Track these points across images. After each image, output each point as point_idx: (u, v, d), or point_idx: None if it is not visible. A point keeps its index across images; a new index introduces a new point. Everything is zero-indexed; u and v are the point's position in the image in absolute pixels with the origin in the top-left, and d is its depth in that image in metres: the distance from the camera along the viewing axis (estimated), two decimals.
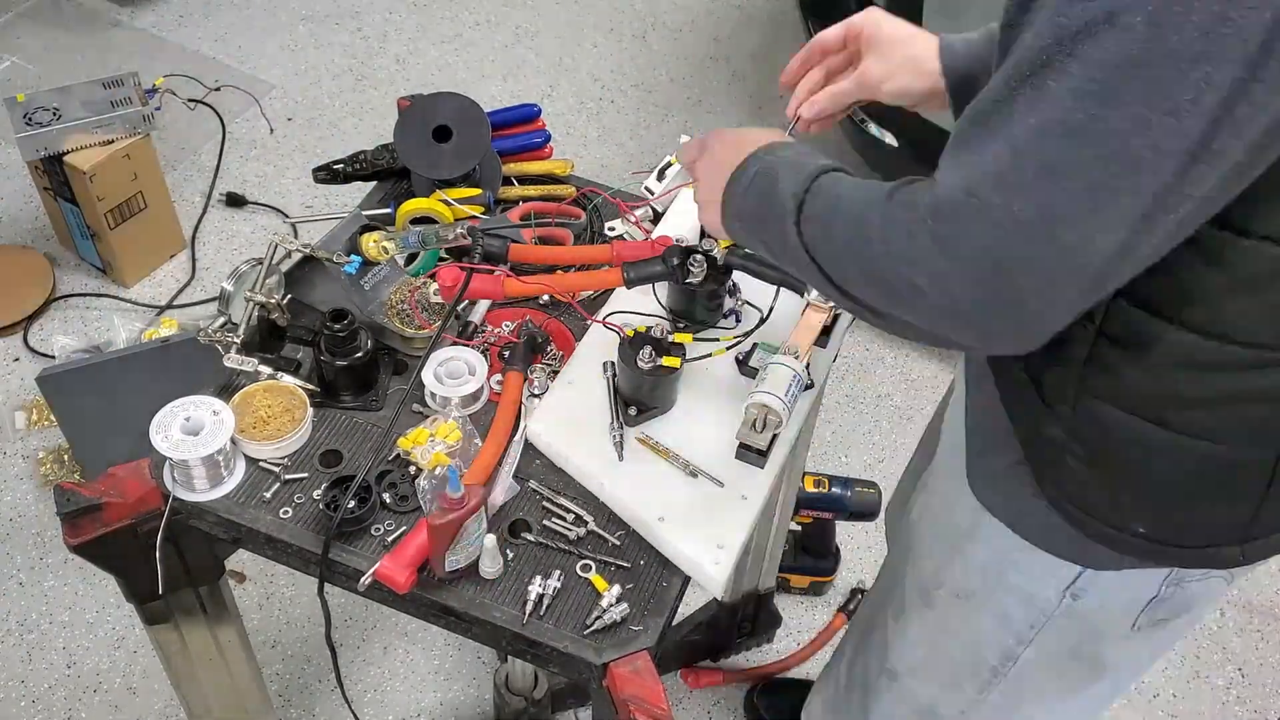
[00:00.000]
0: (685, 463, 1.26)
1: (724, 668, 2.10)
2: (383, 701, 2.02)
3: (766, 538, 1.87)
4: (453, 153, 1.49)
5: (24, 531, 2.18)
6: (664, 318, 1.39)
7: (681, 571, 1.21)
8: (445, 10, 3.38)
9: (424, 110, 1.50)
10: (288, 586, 2.14)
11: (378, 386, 1.35)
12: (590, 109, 3.13)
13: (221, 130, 2.93)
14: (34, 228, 2.70)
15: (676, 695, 2.06)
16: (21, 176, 2.74)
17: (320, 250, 1.42)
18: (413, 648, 2.09)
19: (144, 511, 1.24)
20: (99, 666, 2.02)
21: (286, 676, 2.04)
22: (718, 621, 2.03)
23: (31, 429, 2.32)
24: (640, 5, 3.45)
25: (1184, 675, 2.16)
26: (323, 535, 1.20)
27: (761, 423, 1.21)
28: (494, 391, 1.35)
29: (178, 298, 2.58)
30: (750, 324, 1.38)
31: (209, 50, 3.17)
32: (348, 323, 1.30)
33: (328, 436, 1.31)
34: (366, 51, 3.22)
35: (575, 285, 1.39)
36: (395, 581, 1.14)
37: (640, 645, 1.14)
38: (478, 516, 1.14)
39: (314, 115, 3.03)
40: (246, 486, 1.26)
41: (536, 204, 1.54)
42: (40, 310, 2.52)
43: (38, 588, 2.11)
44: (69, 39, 3.16)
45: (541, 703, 1.73)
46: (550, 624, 1.16)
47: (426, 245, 1.42)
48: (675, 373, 1.26)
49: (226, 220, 2.77)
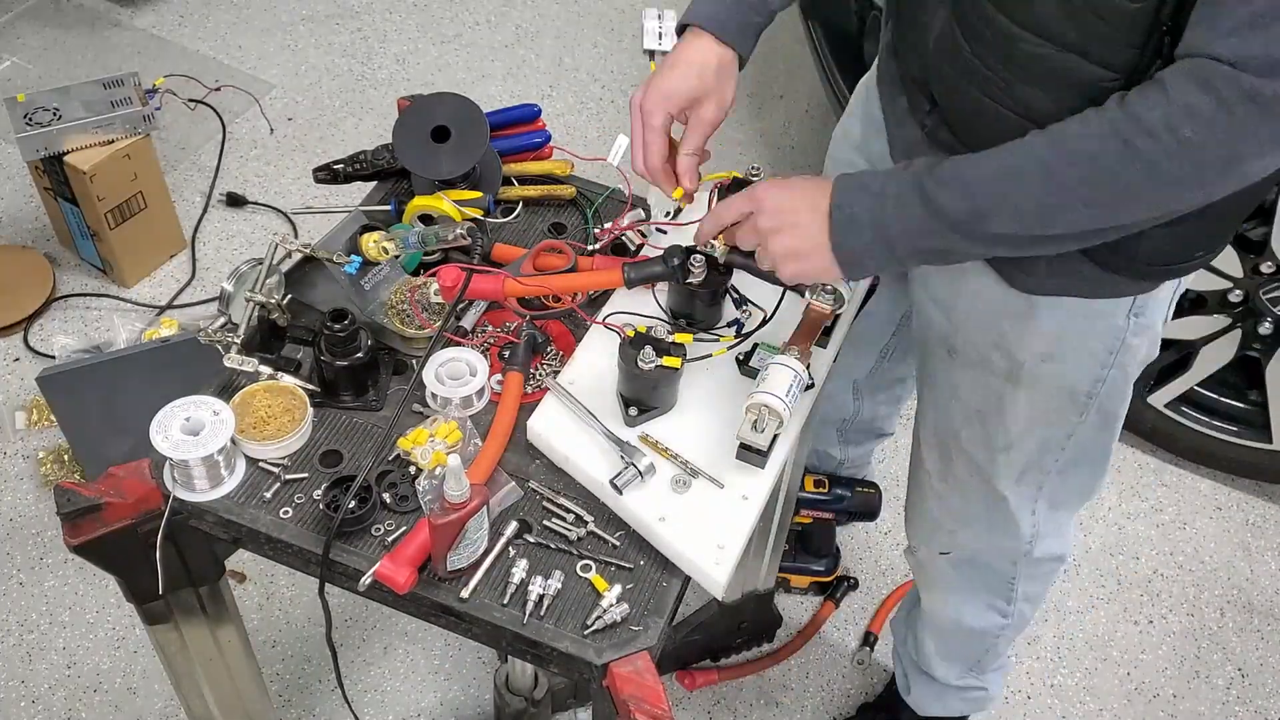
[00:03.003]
0: (685, 463, 1.26)
1: (719, 666, 2.10)
2: (383, 701, 2.02)
3: (766, 538, 1.87)
4: (452, 153, 1.49)
5: (24, 531, 2.18)
6: (663, 319, 1.39)
7: (681, 572, 1.21)
8: (445, 10, 3.38)
9: (423, 110, 1.50)
10: (288, 586, 2.14)
11: (378, 386, 1.35)
12: (590, 109, 3.13)
13: (221, 130, 2.93)
14: (34, 228, 2.70)
15: (676, 695, 2.06)
16: (21, 176, 2.74)
17: (320, 250, 1.42)
18: (413, 648, 2.09)
19: (144, 511, 1.24)
20: (99, 666, 2.02)
21: (286, 676, 2.04)
22: (718, 622, 2.03)
23: (31, 429, 2.32)
24: (640, 5, 3.45)
25: (1184, 675, 2.16)
26: (323, 535, 1.20)
27: (762, 423, 1.21)
28: (494, 392, 1.35)
29: (178, 298, 2.58)
30: (751, 324, 1.38)
31: (209, 50, 3.17)
32: (348, 323, 1.30)
33: (328, 436, 1.31)
34: (366, 51, 3.22)
35: (575, 286, 1.39)
36: (395, 582, 1.14)
37: (640, 645, 1.14)
38: (479, 516, 1.14)
39: (314, 115, 3.03)
40: (247, 486, 1.26)
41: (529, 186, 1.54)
42: (40, 310, 2.52)
43: (38, 588, 2.11)
44: (69, 39, 3.16)
45: (541, 703, 1.73)
46: (550, 624, 1.16)
47: (426, 245, 1.42)
48: (676, 373, 1.26)
49: (226, 220, 2.77)
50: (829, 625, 2.18)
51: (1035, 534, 1.56)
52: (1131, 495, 2.42)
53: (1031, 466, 1.46)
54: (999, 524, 1.54)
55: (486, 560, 1.20)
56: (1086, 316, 1.28)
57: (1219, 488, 2.44)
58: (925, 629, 1.83)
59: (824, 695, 2.10)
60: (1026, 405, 1.38)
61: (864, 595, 2.23)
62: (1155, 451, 2.47)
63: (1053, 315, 1.29)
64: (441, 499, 1.12)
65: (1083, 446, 1.43)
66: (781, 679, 2.11)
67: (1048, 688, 2.13)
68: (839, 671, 2.13)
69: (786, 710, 2.07)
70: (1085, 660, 2.17)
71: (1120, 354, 1.32)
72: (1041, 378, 1.35)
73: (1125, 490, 2.42)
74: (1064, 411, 1.38)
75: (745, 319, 1.40)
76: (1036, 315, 1.29)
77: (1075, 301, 1.27)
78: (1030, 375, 1.35)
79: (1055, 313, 1.28)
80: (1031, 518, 1.53)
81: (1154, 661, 2.18)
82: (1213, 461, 2.41)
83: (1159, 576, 2.30)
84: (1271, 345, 2.20)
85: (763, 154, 3.03)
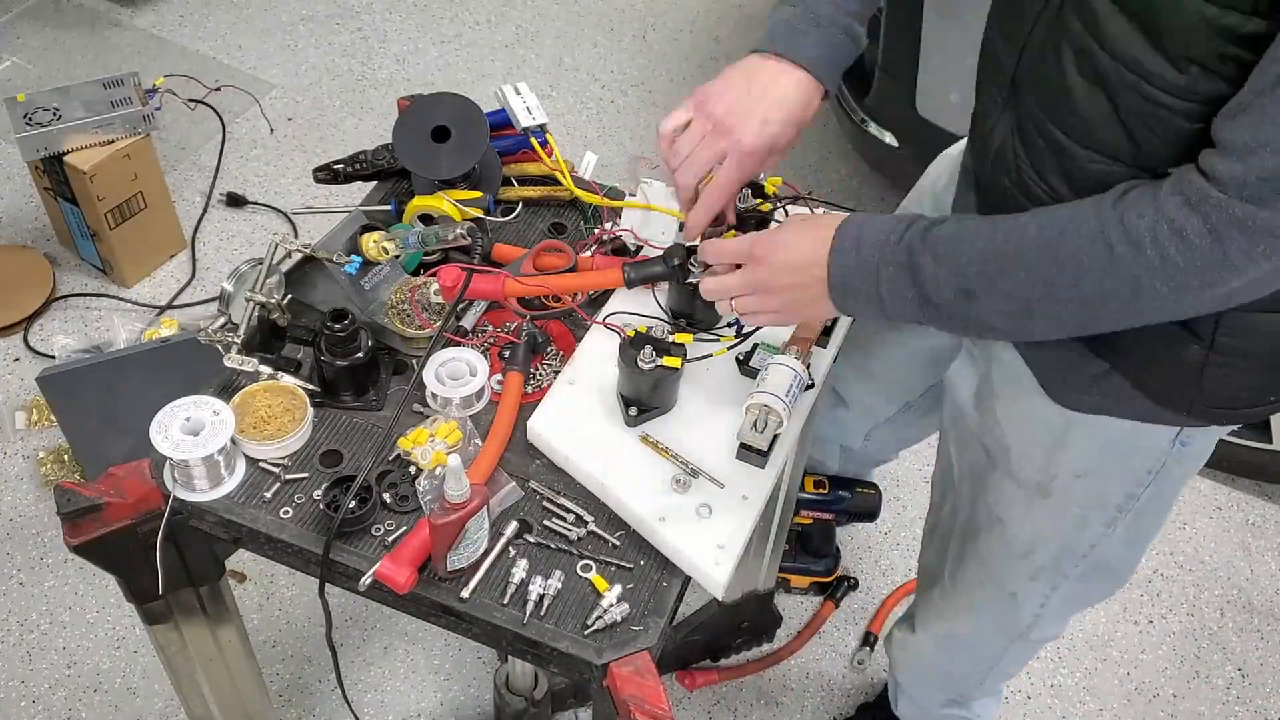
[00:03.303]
0: (685, 463, 1.26)
1: (719, 666, 2.10)
2: (383, 701, 2.02)
3: (766, 538, 1.87)
4: (451, 153, 1.49)
5: (24, 531, 2.18)
6: (663, 320, 1.39)
7: (682, 572, 1.21)
8: (445, 10, 3.38)
9: (423, 110, 1.50)
10: (288, 586, 2.14)
11: (378, 386, 1.35)
12: (590, 109, 3.13)
13: (221, 130, 2.93)
14: (34, 228, 2.70)
15: (676, 695, 2.06)
16: (21, 176, 2.74)
17: (320, 250, 1.42)
18: (413, 648, 2.09)
19: (144, 511, 1.24)
20: (99, 666, 2.02)
21: (286, 676, 2.04)
22: (717, 622, 2.03)
23: (31, 429, 2.32)
24: (640, 5, 3.45)
25: (1184, 675, 2.16)
26: (323, 535, 1.20)
27: (762, 423, 1.21)
28: (494, 392, 1.35)
29: (178, 298, 2.58)
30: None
31: (209, 50, 3.17)
32: (348, 323, 1.30)
33: (328, 436, 1.31)
34: (366, 51, 3.22)
35: (575, 286, 1.39)
36: (395, 582, 1.14)
37: (640, 645, 1.14)
38: (479, 516, 1.14)
39: (314, 115, 3.03)
40: (247, 486, 1.26)
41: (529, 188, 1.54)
42: (40, 310, 2.52)
43: (38, 588, 2.11)
44: (69, 39, 3.16)
45: (541, 703, 1.73)
46: (550, 624, 1.16)
47: (426, 245, 1.42)
48: (676, 373, 1.26)
49: (226, 220, 2.77)
50: (829, 625, 2.18)
51: (1038, 621, 1.51)
52: None
53: (1048, 569, 1.41)
54: (1002, 614, 1.51)
55: (486, 560, 1.20)
56: (1129, 436, 1.22)
57: (1219, 488, 2.44)
58: (902, 667, 1.81)
59: (824, 695, 2.10)
60: (1053, 515, 1.34)
61: (864, 595, 2.23)
62: None
63: (1091, 435, 1.23)
64: (441, 499, 1.12)
65: (1106, 557, 1.38)
66: (781, 679, 2.11)
67: (1048, 688, 2.13)
68: (839, 671, 2.13)
69: (786, 710, 2.07)
70: (1085, 660, 2.17)
71: (1159, 476, 1.26)
72: (1074, 491, 1.29)
73: None
74: (1092, 523, 1.33)
75: None
76: (1073, 432, 1.24)
77: (1117, 422, 1.21)
78: (1062, 489, 1.30)
79: (1094, 432, 1.23)
80: (1039, 609, 1.48)
81: (1154, 661, 2.18)
82: (1213, 461, 2.40)
83: (1159, 576, 2.30)
84: None
85: None
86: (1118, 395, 1.18)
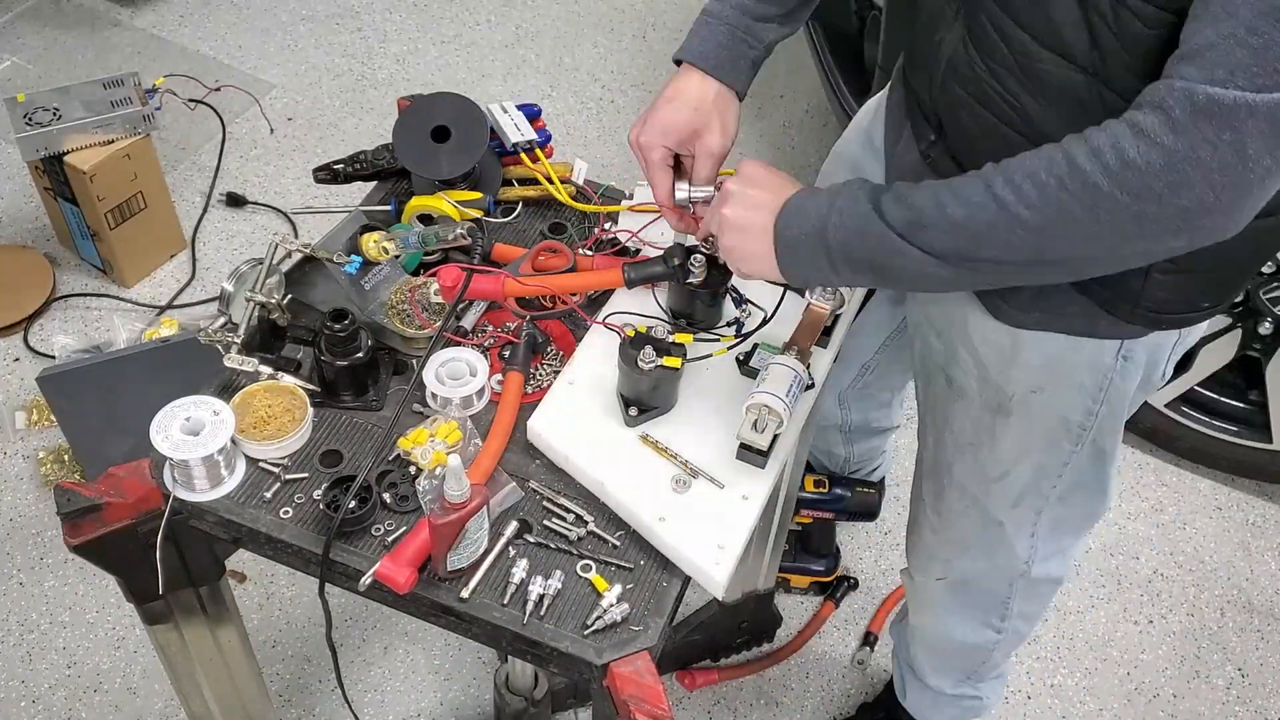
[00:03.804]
0: (685, 463, 1.26)
1: (719, 666, 2.10)
2: (383, 701, 2.02)
3: (766, 538, 1.87)
4: (451, 153, 1.49)
5: (24, 531, 2.18)
6: (663, 320, 1.39)
7: (682, 572, 1.21)
8: (445, 10, 3.38)
9: (423, 110, 1.50)
10: (288, 586, 2.14)
11: (378, 386, 1.35)
12: (590, 109, 3.13)
13: (221, 130, 2.93)
14: (34, 228, 2.70)
15: (676, 695, 2.06)
16: (21, 176, 2.74)
17: (320, 250, 1.42)
18: (413, 648, 2.09)
19: (144, 511, 1.24)
20: (99, 666, 2.02)
21: (286, 676, 2.04)
22: (718, 622, 2.03)
23: (31, 429, 2.32)
24: (640, 5, 3.45)
25: (1184, 675, 2.16)
26: (323, 535, 1.20)
27: (762, 423, 1.21)
28: (494, 392, 1.35)
29: (178, 298, 2.58)
30: (751, 324, 1.38)
31: (209, 50, 3.17)
32: (348, 323, 1.30)
33: (328, 436, 1.31)
34: (366, 51, 3.22)
35: (575, 286, 1.39)
36: (395, 582, 1.14)
37: (640, 645, 1.14)
38: (479, 516, 1.14)
39: (314, 115, 3.03)
40: (247, 486, 1.26)
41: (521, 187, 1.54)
42: (40, 310, 2.52)
43: (38, 588, 2.11)
44: (69, 39, 3.16)
45: (541, 703, 1.73)
46: (550, 624, 1.16)
47: (426, 245, 1.42)
48: (676, 373, 1.26)
49: (226, 220, 2.77)
50: (829, 625, 2.18)
51: (1033, 555, 1.54)
52: (1131, 495, 2.42)
53: (1028, 492, 1.44)
54: (995, 548, 1.54)
55: (486, 560, 1.20)
56: (1072, 351, 1.27)
57: (1219, 488, 2.44)
58: (916, 642, 1.83)
59: (824, 695, 2.10)
60: (1019, 434, 1.37)
61: (864, 595, 2.23)
62: (1155, 451, 2.47)
63: (1039, 349, 1.27)
64: (441, 499, 1.12)
65: (1080, 475, 1.42)
66: (781, 679, 2.11)
67: (1048, 688, 2.13)
68: (839, 671, 2.13)
69: (786, 710, 2.07)
70: (1085, 660, 2.17)
71: (1109, 392, 1.30)
72: (1032, 408, 1.33)
73: (1125, 490, 2.42)
74: (1058, 440, 1.37)
75: (745, 319, 1.40)
76: (1021, 348, 1.28)
77: (1060, 337, 1.25)
78: (1020, 406, 1.34)
79: (1041, 346, 1.27)
80: (1030, 540, 1.52)
81: (1154, 661, 2.18)
82: (1213, 461, 2.42)
83: (1159, 576, 2.30)
84: (1271, 345, 2.20)
85: (763, 154, 3.03)
86: (1058, 310, 1.22)
